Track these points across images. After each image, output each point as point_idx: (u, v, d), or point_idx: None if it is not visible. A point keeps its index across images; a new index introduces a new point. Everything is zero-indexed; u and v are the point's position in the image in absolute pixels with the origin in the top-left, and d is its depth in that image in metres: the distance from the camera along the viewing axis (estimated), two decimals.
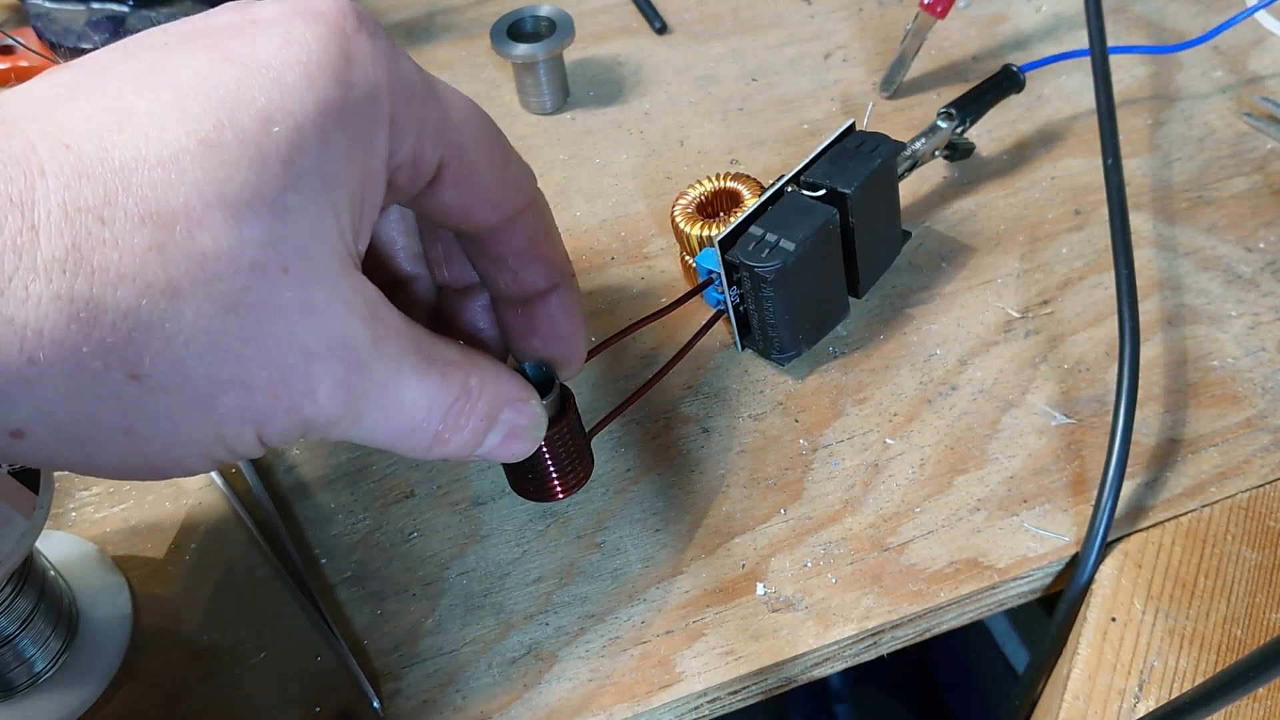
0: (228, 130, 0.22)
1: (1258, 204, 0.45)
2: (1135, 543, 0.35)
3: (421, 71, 0.27)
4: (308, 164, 0.23)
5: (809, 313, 0.39)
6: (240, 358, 0.23)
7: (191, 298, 0.22)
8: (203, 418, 0.23)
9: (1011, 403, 0.39)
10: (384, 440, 0.27)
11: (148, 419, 0.23)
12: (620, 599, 0.35)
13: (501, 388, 0.29)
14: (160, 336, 0.22)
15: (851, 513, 0.36)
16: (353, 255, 0.25)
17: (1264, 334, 0.40)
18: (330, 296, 0.24)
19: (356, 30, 0.25)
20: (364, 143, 0.25)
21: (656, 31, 0.56)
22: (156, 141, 0.22)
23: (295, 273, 0.23)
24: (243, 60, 0.23)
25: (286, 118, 0.23)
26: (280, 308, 0.23)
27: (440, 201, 0.28)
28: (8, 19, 0.59)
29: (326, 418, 0.25)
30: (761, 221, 0.38)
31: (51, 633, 0.32)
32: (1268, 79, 0.50)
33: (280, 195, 0.23)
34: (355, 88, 0.24)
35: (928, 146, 0.44)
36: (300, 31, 0.24)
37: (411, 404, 0.27)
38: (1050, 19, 0.55)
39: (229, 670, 0.34)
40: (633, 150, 0.50)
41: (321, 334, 0.24)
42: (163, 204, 0.22)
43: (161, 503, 0.38)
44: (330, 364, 0.24)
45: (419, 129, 0.26)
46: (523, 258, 0.30)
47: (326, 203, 0.24)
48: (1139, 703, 0.32)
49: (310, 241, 0.24)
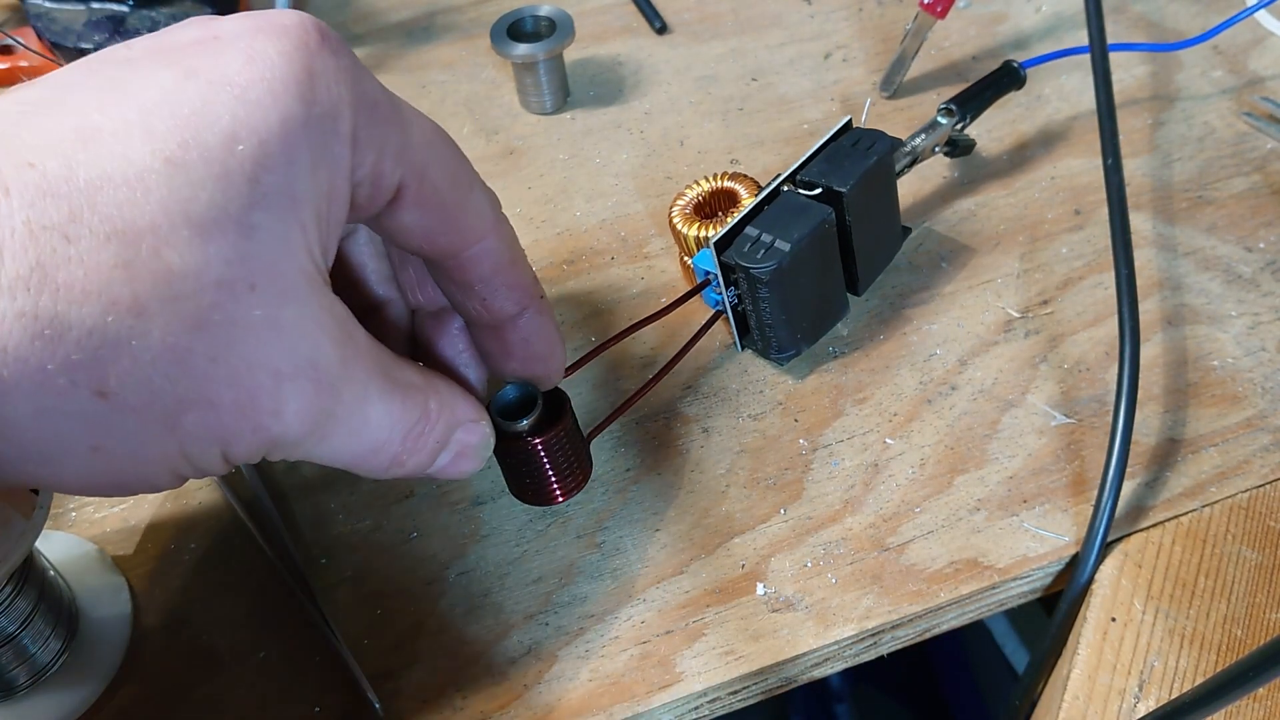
0: (193, 149, 0.22)
1: (1258, 204, 0.45)
2: (1135, 543, 0.35)
3: (384, 90, 0.27)
4: (273, 181, 0.23)
5: (807, 312, 0.39)
6: (207, 376, 0.23)
7: (158, 315, 0.22)
8: (168, 436, 0.23)
9: (1011, 403, 0.39)
10: (345, 460, 0.27)
11: (114, 437, 0.23)
12: (620, 599, 0.35)
13: (457, 410, 0.30)
14: (127, 354, 0.22)
15: (851, 513, 0.36)
16: (321, 272, 0.25)
17: (1264, 334, 0.40)
18: (300, 315, 0.24)
19: (320, 46, 0.25)
20: (328, 159, 0.25)
21: (656, 31, 0.56)
22: (122, 160, 0.22)
23: (263, 291, 0.23)
24: (207, 77, 0.23)
25: (251, 135, 0.23)
26: (248, 326, 0.23)
27: (401, 223, 0.28)
28: (8, 19, 0.59)
29: (293, 437, 0.25)
30: (757, 222, 0.38)
31: (51, 633, 0.32)
32: (1268, 79, 0.50)
33: (246, 213, 0.23)
34: (319, 104, 0.24)
35: (928, 143, 0.44)
36: (264, 47, 0.24)
37: (376, 426, 0.27)
38: (1050, 19, 0.55)
39: (229, 670, 0.34)
40: (632, 150, 0.50)
41: (291, 353, 0.24)
42: (129, 222, 0.22)
43: (162, 503, 0.38)
44: (299, 384, 0.24)
45: (380, 146, 0.26)
46: (489, 284, 0.30)
47: (293, 220, 0.24)
48: (1139, 703, 0.32)
49: (278, 259, 0.24)
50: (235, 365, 0.23)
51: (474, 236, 0.29)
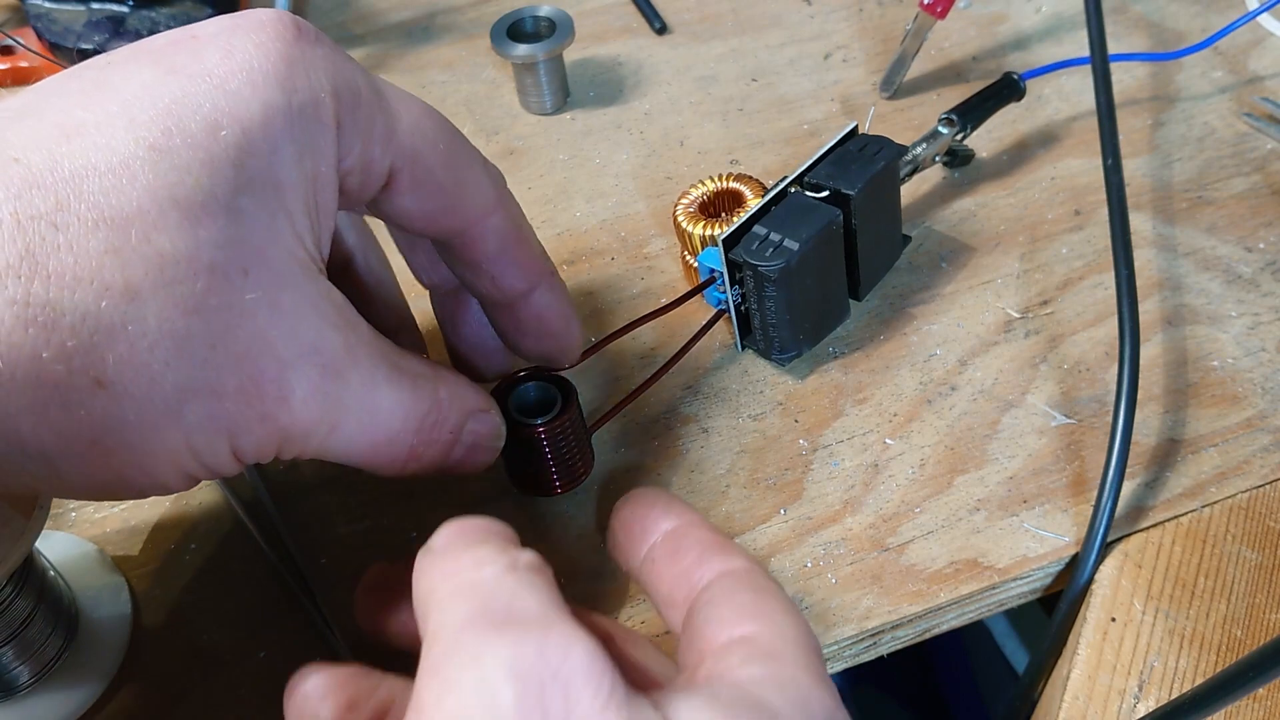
0: (176, 136, 0.23)
1: (1258, 204, 0.45)
2: (1135, 543, 0.35)
3: (368, 76, 0.27)
4: (258, 167, 0.23)
5: (810, 313, 0.39)
6: (208, 362, 0.23)
7: (152, 300, 0.22)
8: (172, 427, 0.23)
9: (1011, 403, 0.39)
10: (360, 453, 0.27)
11: (115, 429, 0.22)
12: (620, 599, 0.35)
13: (466, 399, 0.29)
14: (123, 339, 0.22)
15: (851, 513, 0.36)
16: (314, 260, 0.25)
17: (1264, 334, 0.40)
18: (297, 300, 0.24)
19: (297, 38, 0.25)
20: (312, 147, 0.25)
21: (656, 31, 0.56)
22: (105, 150, 0.22)
23: (256, 275, 0.23)
24: (187, 71, 0.24)
25: (233, 123, 0.23)
26: (245, 310, 0.23)
27: (399, 207, 0.28)
28: (8, 19, 0.59)
29: (302, 426, 0.24)
30: (765, 221, 0.38)
31: (51, 633, 0.32)
32: (1268, 79, 0.50)
33: (233, 197, 0.23)
34: (299, 92, 0.24)
35: (929, 151, 0.44)
36: (242, 42, 0.24)
37: (389, 413, 0.26)
38: (1050, 19, 0.55)
39: (229, 670, 0.34)
40: (633, 150, 0.50)
41: (292, 338, 0.24)
42: (116, 208, 0.22)
43: (162, 503, 0.38)
44: (304, 369, 0.24)
45: (366, 133, 0.26)
46: (496, 262, 0.30)
47: (279, 206, 0.24)
48: (1139, 703, 0.32)
49: (268, 244, 0.23)
50: (235, 350, 0.23)
51: (476, 215, 0.29)
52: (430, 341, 0.39)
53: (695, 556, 0.27)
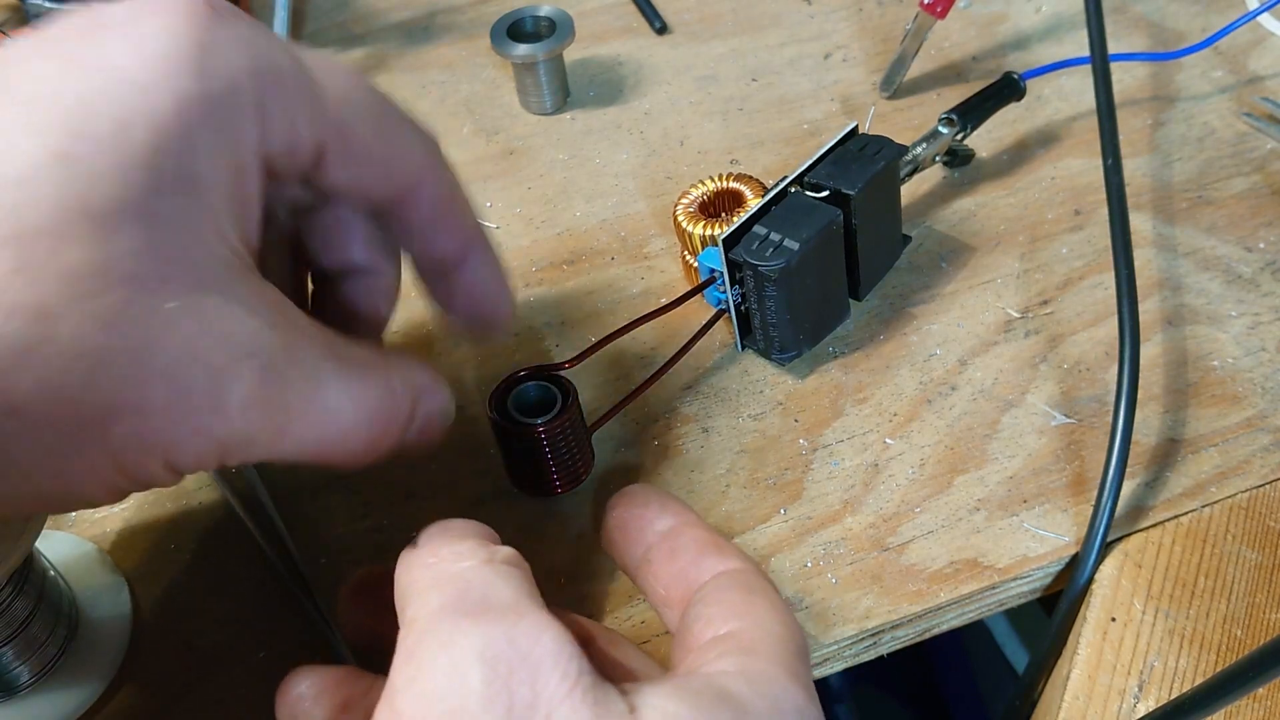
0: (82, 140, 0.21)
1: (1258, 204, 0.45)
2: (1135, 543, 0.35)
3: (290, 52, 0.25)
4: (173, 166, 0.22)
5: (810, 313, 0.39)
6: (131, 379, 0.21)
7: (66, 319, 0.20)
8: (95, 448, 0.21)
9: (1011, 403, 0.39)
10: (315, 453, 0.25)
11: (32, 455, 0.21)
12: (620, 599, 0.35)
13: (415, 379, 0.28)
14: (36, 362, 0.20)
15: (851, 513, 0.36)
16: (241, 256, 0.24)
17: (1264, 334, 0.40)
18: (224, 302, 0.22)
19: (209, 18, 0.23)
20: (231, 135, 0.23)
21: (656, 31, 0.56)
22: (5, 160, 0.21)
23: (178, 281, 0.22)
24: (93, 65, 0.22)
25: (143, 120, 0.22)
26: (168, 320, 0.21)
27: (329, 181, 0.27)
28: (8, 19, 0.59)
29: (243, 435, 0.23)
30: (765, 221, 0.38)
31: (51, 633, 0.32)
32: (1268, 79, 0.50)
33: (148, 201, 0.21)
34: (214, 78, 0.23)
35: (929, 151, 0.44)
36: (150, 27, 0.23)
37: (338, 410, 0.25)
38: (1050, 19, 0.55)
39: (229, 670, 0.34)
40: (633, 150, 0.50)
41: (223, 344, 0.22)
42: (22, 224, 0.20)
43: (162, 503, 0.38)
44: (240, 375, 0.22)
45: (291, 112, 0.24)
46: (429, 227, 0.29)
47: (199, 205, 0.22)
48: (1139, 703, 0.32)
49: (189, 247, 0.22)
50: (161, 363, 0.21)
51: (407, 183, 0.28)
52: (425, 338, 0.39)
53: (691, 557, 0.27)
